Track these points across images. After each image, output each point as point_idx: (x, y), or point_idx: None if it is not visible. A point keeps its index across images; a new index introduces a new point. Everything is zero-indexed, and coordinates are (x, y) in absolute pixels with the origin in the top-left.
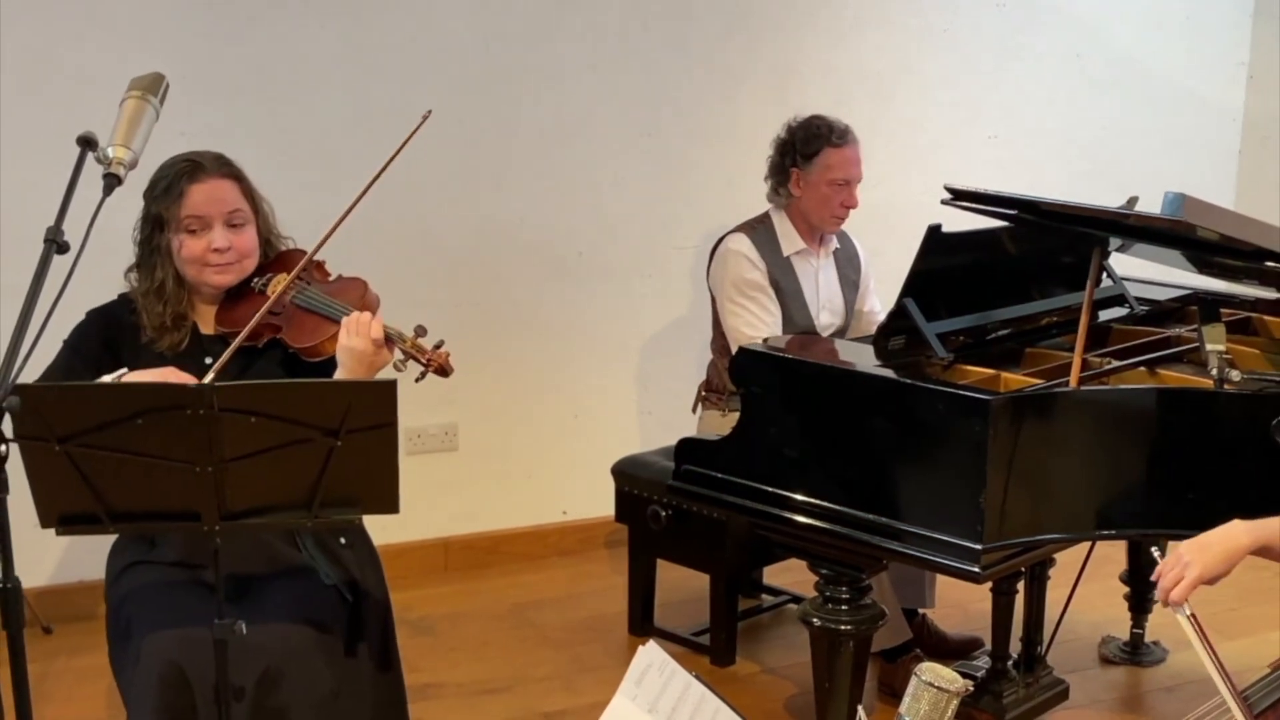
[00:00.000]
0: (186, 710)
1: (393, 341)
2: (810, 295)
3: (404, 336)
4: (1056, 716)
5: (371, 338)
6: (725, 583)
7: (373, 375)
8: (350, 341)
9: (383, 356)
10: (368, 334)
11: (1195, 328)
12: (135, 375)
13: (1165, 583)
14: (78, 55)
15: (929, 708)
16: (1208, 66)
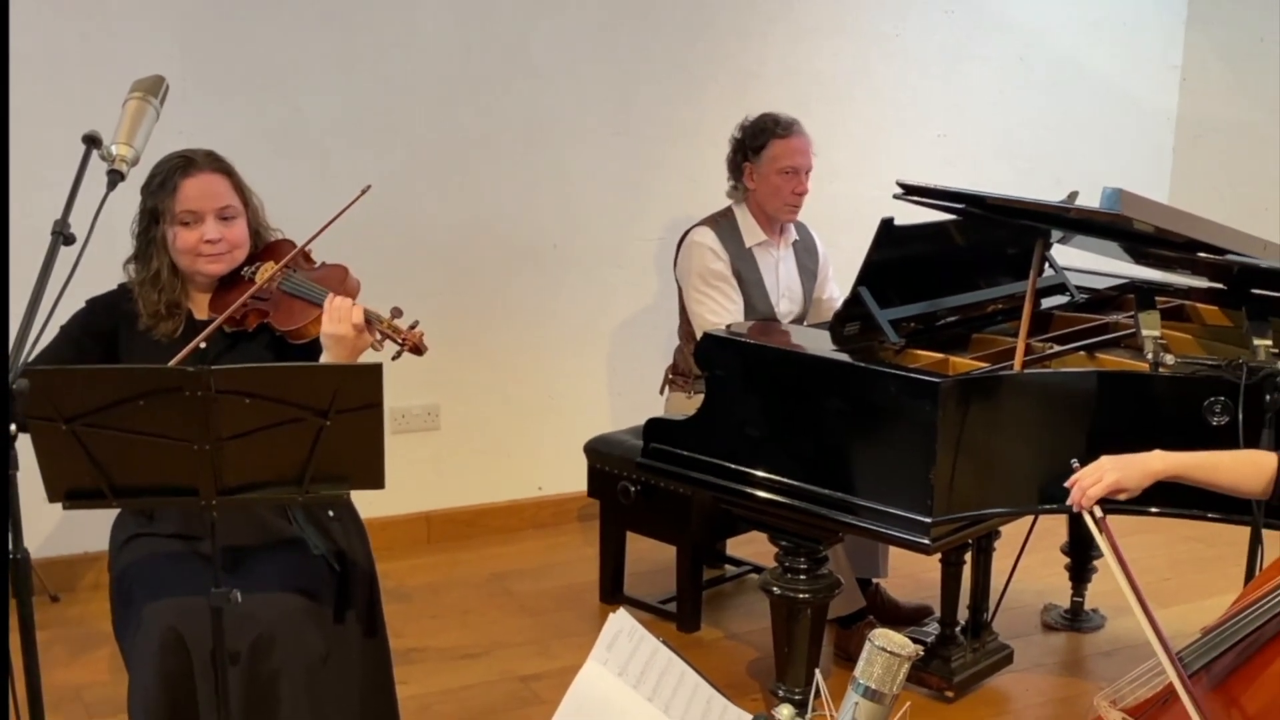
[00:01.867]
0: (184, 674)
1: (371, 323)
2: (771, 284)
3: (381, 318)
4: (1001, 680)
5: (353, 323)
6: (690, 554)
7: (356, 357)
8: (333, 328)
9: (364, 340)
10: (349, 319)
11: (1132, 315)
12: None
13: (1082, 483)
14: (83, 60)
15: (882, 671)
16: (1143, 69)
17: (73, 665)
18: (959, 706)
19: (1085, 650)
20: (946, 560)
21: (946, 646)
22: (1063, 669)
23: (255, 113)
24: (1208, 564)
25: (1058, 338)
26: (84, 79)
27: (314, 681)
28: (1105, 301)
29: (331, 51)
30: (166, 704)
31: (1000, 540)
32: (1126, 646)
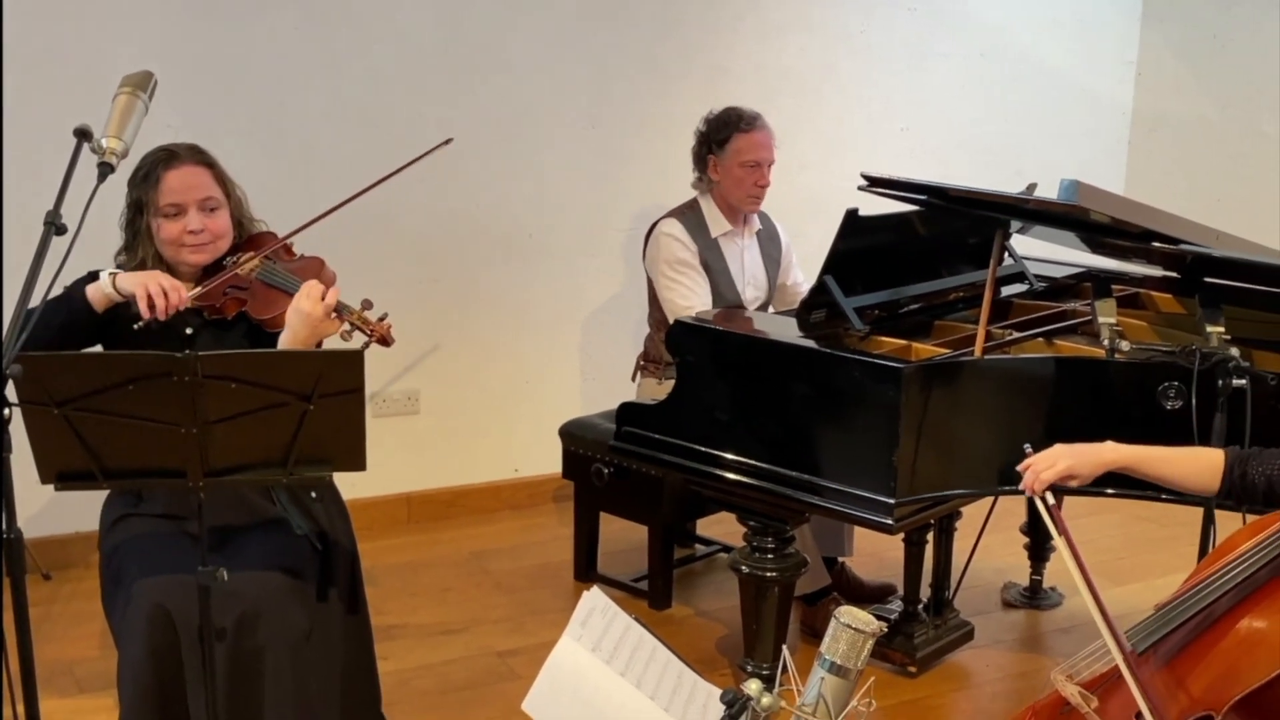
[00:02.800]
0: (172, 649)
1: (342, 313)
2: (736, 273)
3: (351, 309)
4: (962, 655)
5: (326, 304)
6: (662, 534)
7: (314, 340)
8: (302, 304)
9: (327, 326)
10: (319, 299)
11: (1089, 302)
12: (125, 275)
13: (1035, 468)
14: (74, 55)
15: (847, 647)
16: (1099, 65)
17: (64, 641)
18: (921, 681)
19: (1043, 627)
20: (909, 540)
21: (909, 623)
22: (1021, 645)
23: (241, 107)
24: (1161, 543)
25: (1017, 325)
26: (75, 74)
27: (297, 657)
28: (1063, 290)
29: (315, 48)
30: (154, 678)
31: (961, 521)
32: (1084, 623)
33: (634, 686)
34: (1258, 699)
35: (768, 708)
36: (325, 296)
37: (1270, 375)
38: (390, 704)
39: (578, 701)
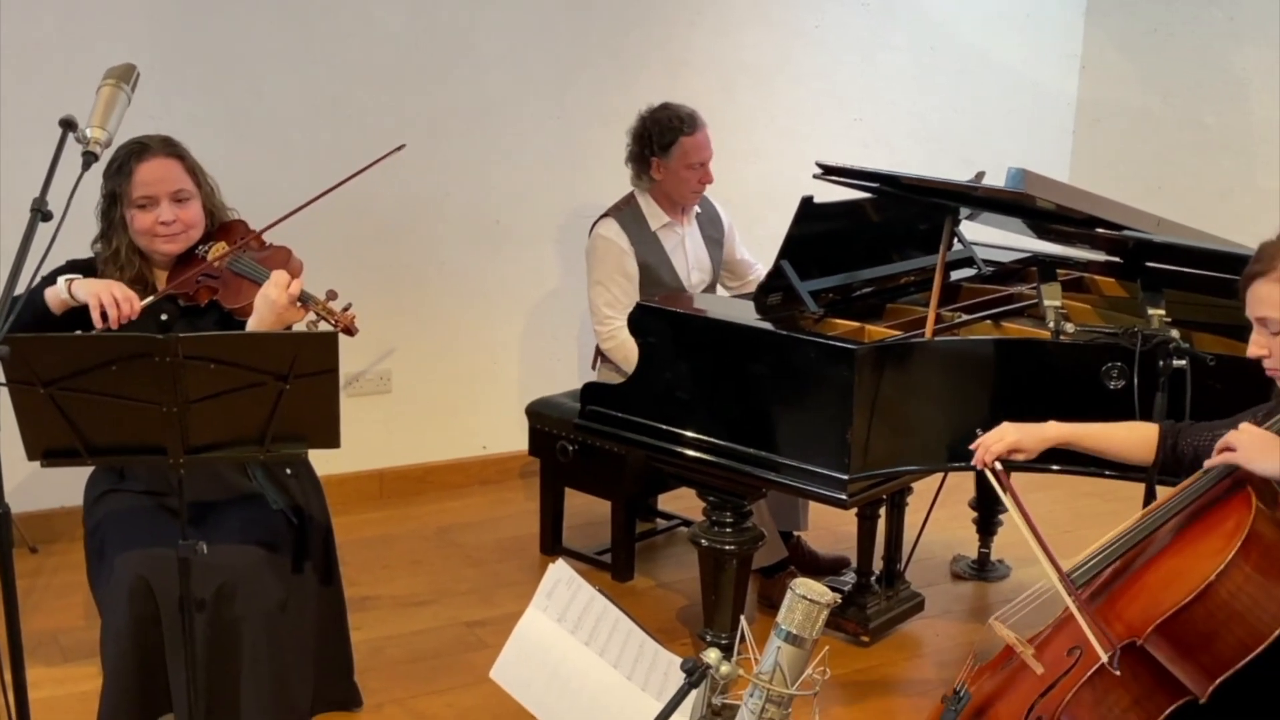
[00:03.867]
0: (153, 619)
1: (307, 303)
2: (679, 261)
3: (317, 300)
4: (913, 625)
5: (289, 293)
6: (624, 508)
7: (279, 328)
8: (269, 292)
9: (293, 314)
10: (284, 288)
11: (1035, 286)
12: (81, 283)
13: (985, 442)
14: (60, 48)
15: (803, 617)
16: (1045, 58)
17: (50, 612)
18: (874, 650)
19: (991, 598)
20: (862, 514)
21: (862, 594)
22: (970, 615)
23: (219, 98)
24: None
25: (966, 307)
26: (60, 67)
27: (273, 627)
28: (1010, 274)
29: (291, 41)
30: (136, 647)
31: (912, 496)
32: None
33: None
34: (1175, 625)
35: (726, 676)
36: (290, 285)
37: (1209, 356)
38: (362, 672)
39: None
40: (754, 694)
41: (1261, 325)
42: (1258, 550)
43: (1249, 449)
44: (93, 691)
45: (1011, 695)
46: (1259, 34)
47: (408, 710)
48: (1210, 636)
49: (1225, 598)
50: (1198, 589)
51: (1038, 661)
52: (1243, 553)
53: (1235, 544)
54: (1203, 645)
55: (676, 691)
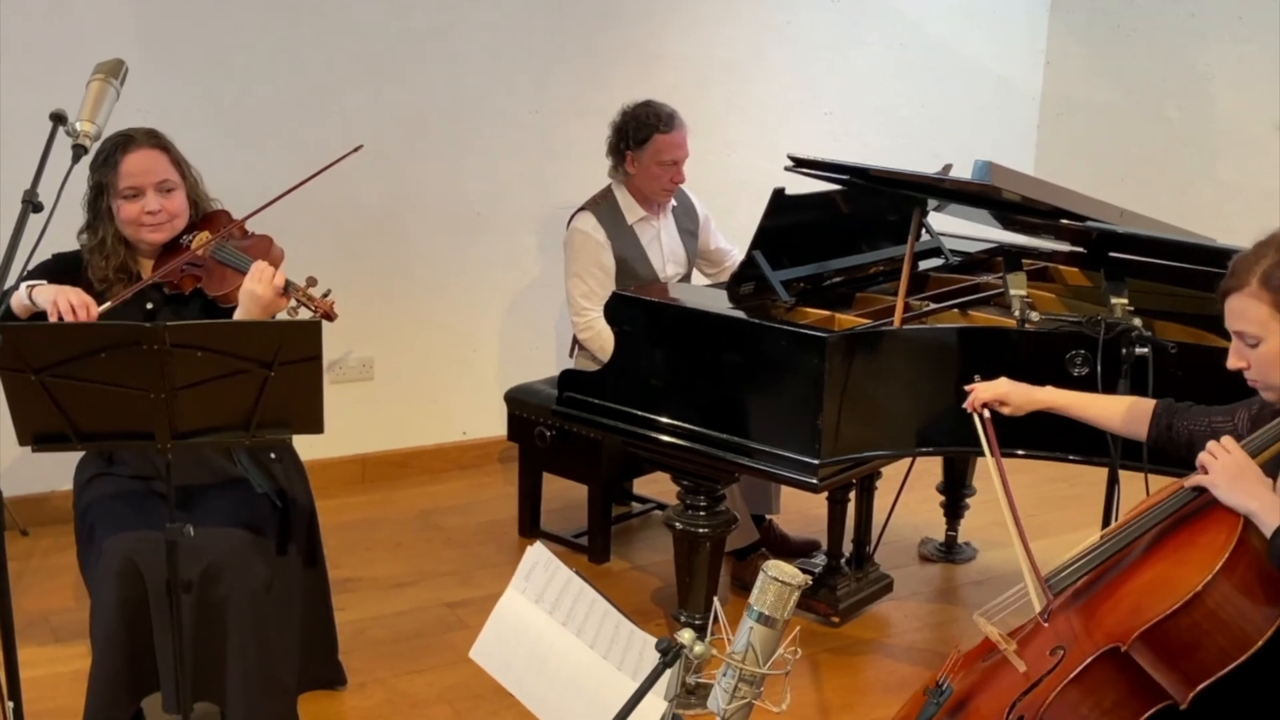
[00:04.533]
0: (141, 601)
1: (289, 290)
2: (654, 254)
3: (298, 287)
4: (882, 606)
5: (274, 285)
6: (601, 492)
7: (266, 318)
8: (253, 286)
9: (279, 303)
10: (269, 280)
11: (1001, 275)
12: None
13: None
14: (50, 44)
15: (774, 599)
16: (1011, 54)
17: (41, 593)
18: (844, 631)
19: (958, 580)
20: (833, 498)
21: (832, 576)
22: (937, 596)
23: (206, 92)
24: (1069, 501)
25: (933, 296)
26: (51, 62)
27: (259, 608)
28: (976, 264)
29: (275, 37)
30: (125, 628)
31: (881, 480)
32: (996, 576)
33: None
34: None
35: (700, 655)
36: (274, 278)
37: (1171, 344)
38: (346, 652)
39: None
40: (727, 673)
41: (1239, 338)
42: (1245, 561)
43: (1220, 476)
44: (82, 670)
45: (993, 691)
46: (1220, 30)
47: (390, 689)
48: (1194, 645)
49: (1211, 608)
50: (1184, 599)
51: (1020, 659)
52: (1230, 564)
53: (1224, 555)
54: (1186, 653)
55: (651, 671)
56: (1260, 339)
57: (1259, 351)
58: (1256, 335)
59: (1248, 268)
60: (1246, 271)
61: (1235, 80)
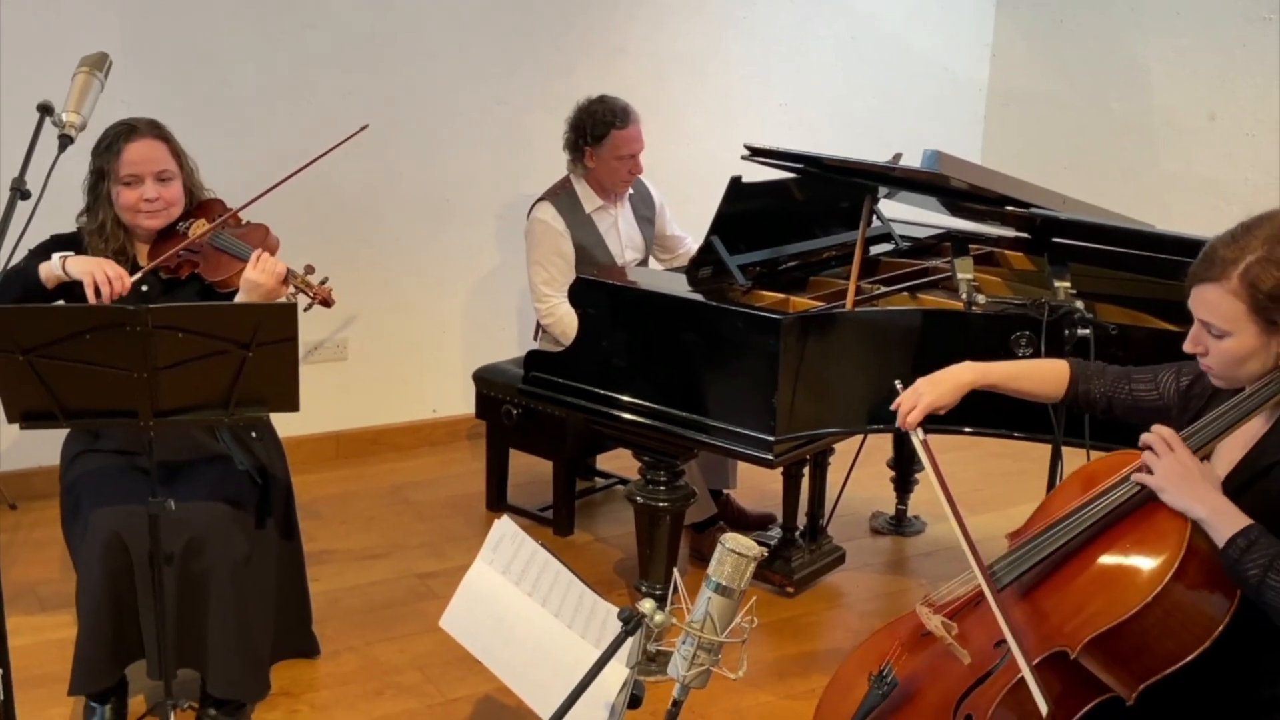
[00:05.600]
0: (125, 572)
1: (288, 278)
2: (613, 242)
3: (296, 274)
4: (835, 577)
5: (275, 273)
6: (565, 468)
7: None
8: (256, 276)
9: (279, 291)
10: (273, 272)
11: (949, 260)
12: (74, 260)
13: (903, 409)
14: (36, 37)
15: (731, 570)
16: (958, 47)
17: (29, 564)
18: (798, 600)
19: (907, 552)
20: (787, 473)
21: (787, 548)
22: (888, 568)
23: (186, 85)
24: (1013, 477)
25: (884, 280)
26: (37, 55)
27: (238, 579)
28: (925, 249)
29: (254, 31)
30: (109, 598)
31: (834, 456)
32: (944, 548)
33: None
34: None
35: (660, 624)
36: (275, 267)
37: (1111, 325)
38: (320, 621)
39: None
40: (686, 641)
41: (1205, 327)
42: (1193, 565)
43: (1166, 479)
44: (68, 639)
45: (938, 682)
46: (1160, 25)
47: (363, 656)
48: (1142, 649)
49: (1161, 614)
50: (1135, 608)
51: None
52: (1180, 570)
53: (1174, 561)
54: (1134, 656)
55: (614, 639)
56: (1226, 334)
57: (1223, 345)
58: (1224, 330)
59: (1229, 259)
60: (1228, 263)
61: (1173, 73)
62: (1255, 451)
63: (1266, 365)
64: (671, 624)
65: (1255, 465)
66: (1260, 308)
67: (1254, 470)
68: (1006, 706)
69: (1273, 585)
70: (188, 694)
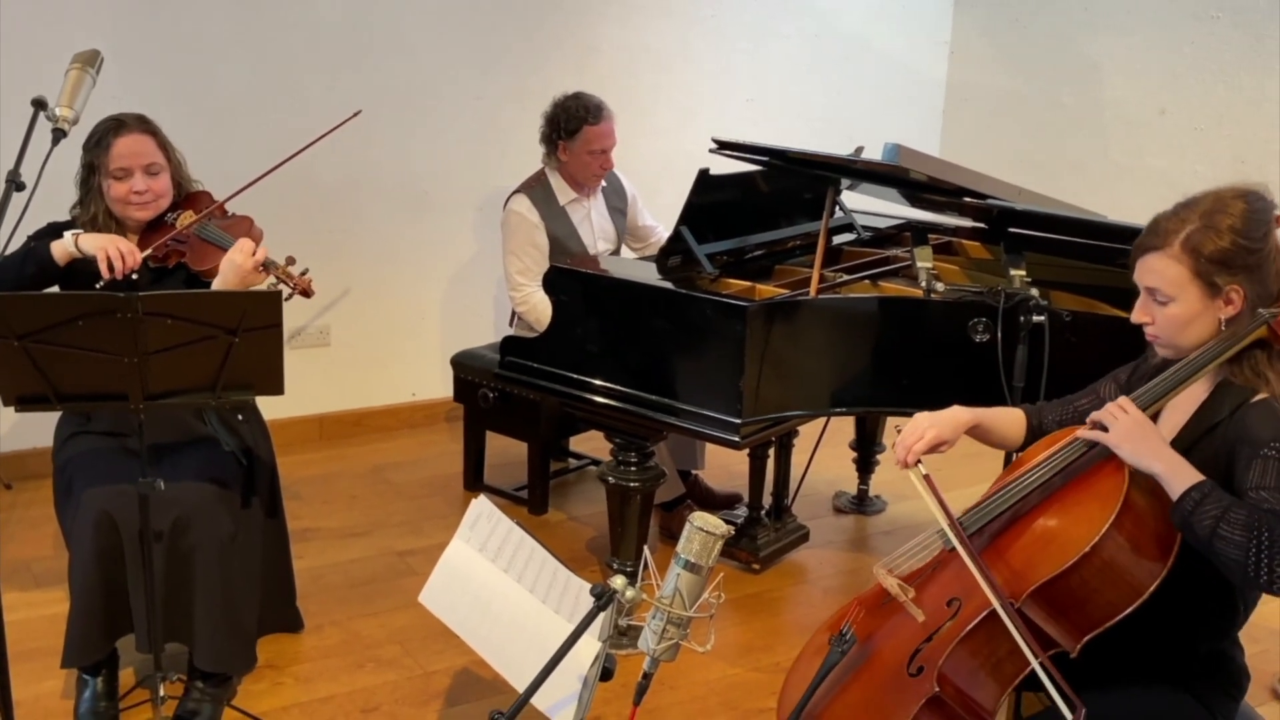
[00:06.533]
0: (115, 550)
1: (269, 267)
2: (585, 233)
3: (277, 264)
4: (799, 554)
5: (255, 259)
6: (540, 449)
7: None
8: (234, 256)
9: (255, 278)
10: (251, 254)
11: (909, 249)
12: (86, 237)
13: (905, 442)
14: (30, 34)
15: (699, 547)
16: (918, 44)
17: (23, 542)
18: (764, 577)
19: (869, 530)
20: (753, 454)
21: (753, 527)
22: (850, 545)
23: (174, 81)
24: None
25: (847, 268)
26: (32, 52)
27: (224, 556)
28: (886, 238)
29: (241, 30)
30: (100, 574)
31: (798, 438)
32: (903, 527)
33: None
34: (1051, 589)
35: (631, 600)
36: (255, 252)
37: (1065, 312)
38: (304, 597)
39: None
40: (656, 616)
41: (1150, 294)
42: (1130, 520)
43: (1123, 437)
44: (61, 614)
45: (894, 640)
46: (1111, 23)
47: (345, 630)
48: (1083, 600)
49: (1099, 566)
50: (1073, 559)
51: (919, 609)
52: (1116, 524)
53: (1110, 515)
54: (1076, 607)
55: (586, 614)
56: (1171, 299)
57: (1167, 311)
58: (1169, 295)
59: (1172, 229)
60: (1171, 233)
61: (1123, 68)
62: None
63: (1208, 331)
64: (642, 599)
65: (1200, 425)
66: (1201, 271)
67: (1199, 430)
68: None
69: (1223, 535)
70: (176, 667)
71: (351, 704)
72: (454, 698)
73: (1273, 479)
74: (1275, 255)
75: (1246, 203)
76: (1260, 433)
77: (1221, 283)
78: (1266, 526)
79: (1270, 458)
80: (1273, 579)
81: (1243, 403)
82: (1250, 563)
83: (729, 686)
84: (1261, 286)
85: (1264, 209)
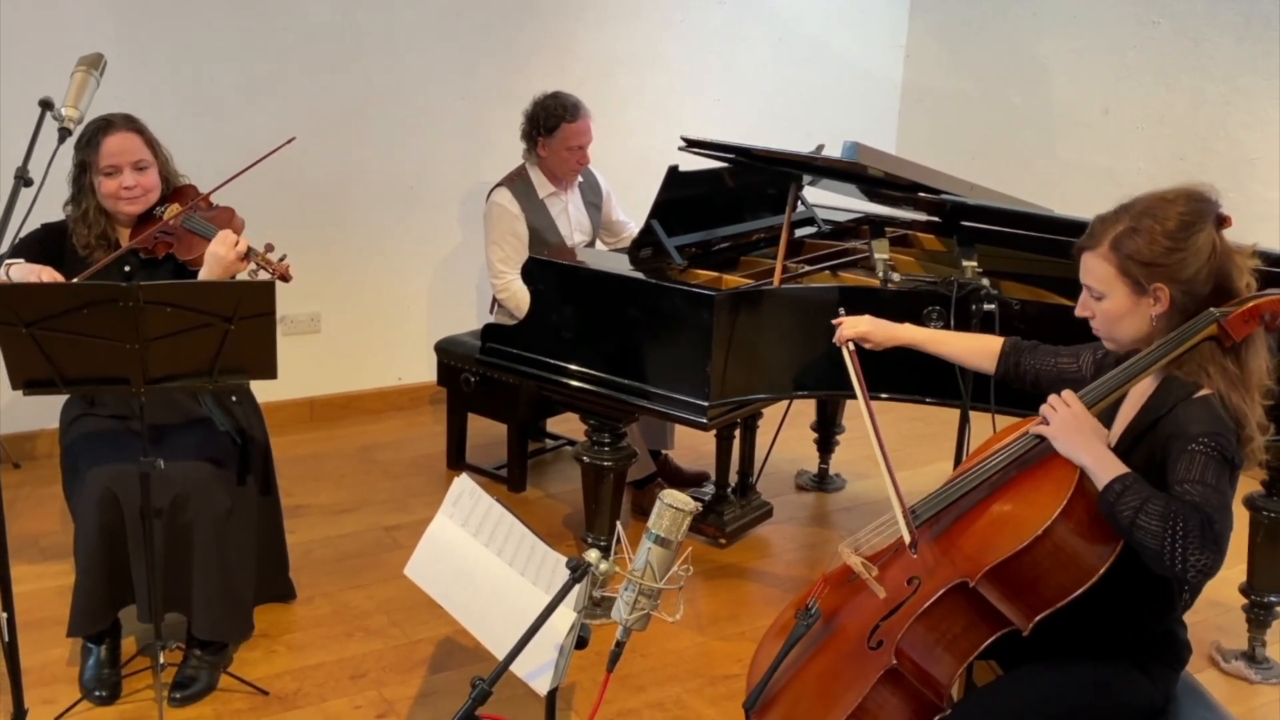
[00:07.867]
0: (118, 525)
1: (250, 255)
2: (563, 225)
3: (257, 252)
4: (763, 530)
5: (236, 250)
6: (518, 430)
7: (226, 277)
8: (216, 248)
9: (237, 266)
10: (232, 245)
11: (867, 241)
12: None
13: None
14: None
15: (669, 523)
16: (874, 48)
17: (31, 518)
18: (730, 551)
19: (829, 507)
20: (720, 435)
21: (720, 504)
22: (812, 521)
23: (173, 82)
24: (927, 439)
25: (808, 260)
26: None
27: (221, 531)
28: (845, 231)
29: (235, 32)
30: (104, 549)
31: (762, 420)
32: (863, 504)
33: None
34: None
35: (605, 572)
36: (236, 243)
37: (1015, 301)
38: (296, 569)
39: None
40: (628, 588)
41: (1088, 290)
42: (1080, 507)
43: (1059, 430)
44: (67, 586)
45: (856, 615)
46: (1058, 27)
47: (334, 601)
48: (1035, 581)
49: (1050, 549)
50: (1027, 540)
51: (881, 585)
52: (1067, 510)
53: (1061, 501)
54: (1029, 588)
55: (563, 586)
56: (1104, 295)
57: (1102, 305)
58: (1100, 292)
59: (1104, 230)
60: (1102, 234)
61: (1070, 71)
62: (1145, 409)
63: (1142, 327)
64: (615, 572)
65: (1144, 420)
66: (1126, 269)
67: (1144, 425)
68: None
69: (1141, 525)
70: (175, 636)
71: (341, 671)
72: (437, 665)
73: (1197, 472)
74: (1207, 255)
75: (1182, 205)
76: (1192, 428)
77: (1145, 281)
78: (1182, 517)
79: (1197, 452)
80: (1186, 567)
81: (1185, 398)
82: (1166, 551)
83: (697, 654)
84: (1187, 285)
85: (1199, 211)
